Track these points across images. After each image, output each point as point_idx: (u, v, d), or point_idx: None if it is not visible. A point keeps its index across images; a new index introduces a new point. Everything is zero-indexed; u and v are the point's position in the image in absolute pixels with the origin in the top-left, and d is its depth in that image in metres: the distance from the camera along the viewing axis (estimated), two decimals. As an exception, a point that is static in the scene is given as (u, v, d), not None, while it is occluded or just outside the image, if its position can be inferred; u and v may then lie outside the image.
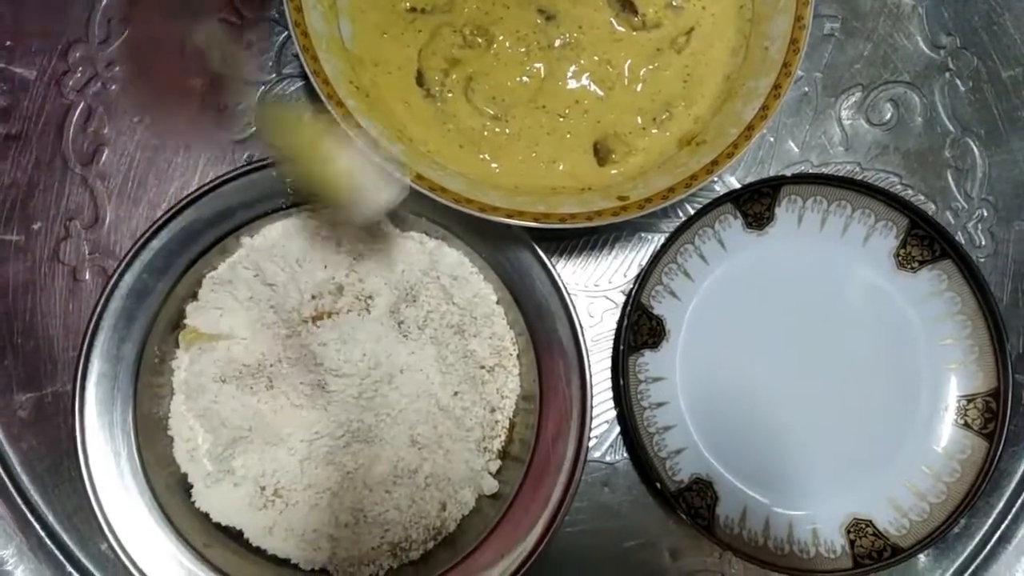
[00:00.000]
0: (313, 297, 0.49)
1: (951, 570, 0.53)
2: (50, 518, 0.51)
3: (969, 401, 0.52)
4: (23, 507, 0.51)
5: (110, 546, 0.46)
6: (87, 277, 0.53)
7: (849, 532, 0.50)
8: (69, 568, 0.51)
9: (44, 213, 0.53)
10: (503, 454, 0.51)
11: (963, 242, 0.54)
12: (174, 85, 0.54)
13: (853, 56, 0.57)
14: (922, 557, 0.53)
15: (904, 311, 0.53)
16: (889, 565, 0.49)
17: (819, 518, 0.51)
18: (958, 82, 0.56)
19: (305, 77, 0.53)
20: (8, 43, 0.54)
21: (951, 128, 0.56)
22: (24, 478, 0.51)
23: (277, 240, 0.49)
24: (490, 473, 0.50)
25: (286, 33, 0.54)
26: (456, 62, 0.49)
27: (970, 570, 0.54)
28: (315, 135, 0.43)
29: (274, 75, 0.54)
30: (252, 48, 0.54)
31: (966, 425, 0.52)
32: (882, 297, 0.53)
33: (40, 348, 0.52)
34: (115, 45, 0.54)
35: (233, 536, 0.49)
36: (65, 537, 0.51)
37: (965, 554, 0.54)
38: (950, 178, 0.56)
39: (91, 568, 0.51)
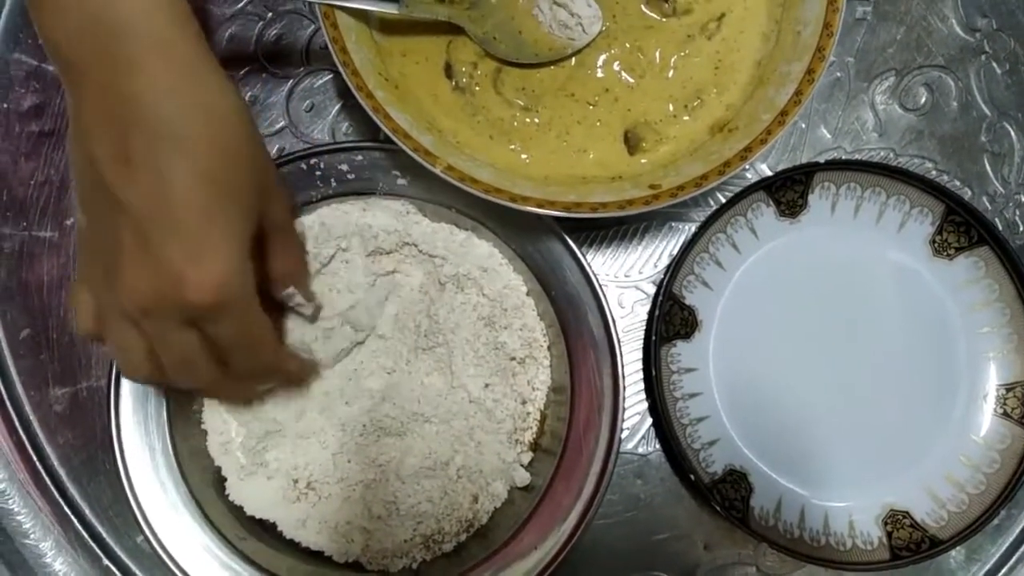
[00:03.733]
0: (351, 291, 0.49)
1: (991, 563, 0.53)
2: (87, 511, 0.52)
3: (1008, 390, 0.51)
4: (60, 500, 0.52)
5: (146, 539, 0.46)
6: (119, 272, 0.53)
7: (886, 524, 0.50)
8: (106, 561, 0.51)
9: (77, 209, 0.53)
10: (535, 446, 0.50)
11: (1001, 228, 0.53)
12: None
13: (886, 40, 0.56)
14: (960, 549, 0.52)
15: (941, 299, 0.52)
16: (928, 557, 0.49)
17: (855, 509, 0.50)
18: (994, 65, 0.55)
19: (334, 69, 0.53)
20: (40, 41, 0.54)
21: (987, 112, 0.55)
22: (61, 472, 0.52)
23: (310, 230, 0.49)
24: (522, 465, 0.50)
25: (314, 26, 0.54)
26: (484, 54, 0.49)
27: (1010, 563, 0.53)
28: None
29: (303, 68, 0.54)
30: (280, 42, 0.55)
31: (1005, 414, 0.51)
32: (918, 284, 0.52)
33: (74, 343, 0.52)
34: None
35: (267, 529, 0.49)
36: (101, 530, 0.52)
37: (1006, 546, 0.53)
38: (987, 163, 0.55)
39: (127, 561, 0.52)
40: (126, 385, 0.47)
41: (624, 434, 0.51)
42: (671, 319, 0.51)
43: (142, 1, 0.33)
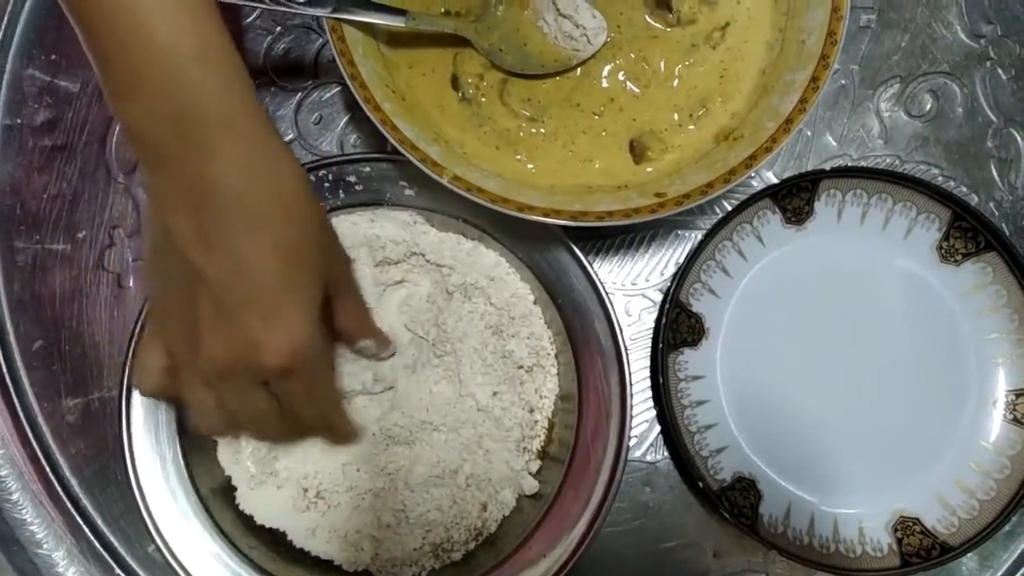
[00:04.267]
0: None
1: (1003, 569, 0.52)
2: (98, 521, 0.52)
3: (1018, 396, 0.51)
4: (73, 511, 0.52)
5: (157, 548, 0.47)
6: (131, 284, 0.54)
7: (896, 530, 0.50)
8: (117, 570, 0.52)
9: (89, 222, 0.54)
10: (543, 454, 0.50)
11: (1008, 233, 0.53)
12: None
13: (891, 48, 0.56)
14: (972, 556, 0.52)
15: (948, 305, 0.52)
16: (938, 564, 0.48)
17: (865, 516, 0.50)
18: (999, 71, 0.56)
19: (342, 82, 0.54)
20: (53, 57, 0.55)
21: (993, 118, 0.55)
22: (73, 482, 0.52)
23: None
24: (530, 473, 0.50)
25: (321, 39, 0.55)
26: (490, 65, 0.49)
27: (1023, 570, 0.52)
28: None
29: (311, 81, 0.55)
30: (289, 55, 0.55)
31: (1015, 420, 0.51)
32: (925, 291, 0.52)
33: (86, 354, 0.53)
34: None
35: (277, 538, 0.49)
36: (113, 539, 0.52)
37: (1018, 552, 0.52)
38: (993, 169, 0.55)
39: (138, 570, 0.52)
40: (137, 396, 0.48)
41: (632, 442, 0.52)
42: (678, 327, 0.51)
43: (217, 86, 0.34)
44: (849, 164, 0.55)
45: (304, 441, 0.46)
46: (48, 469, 0.52)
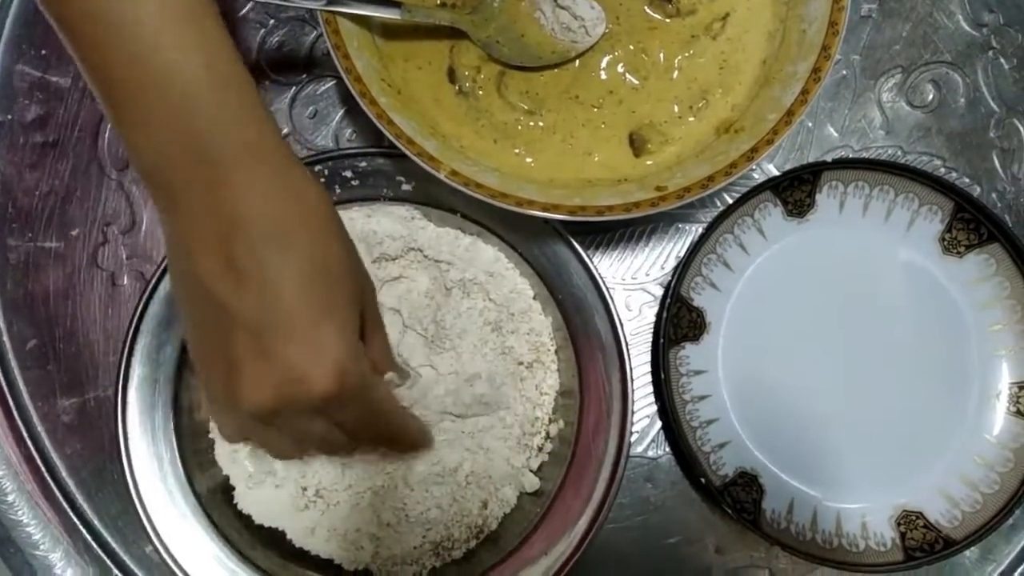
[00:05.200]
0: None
1: (1006, 563, 0.52)
2: (95, 522, 0.52)
3: (1021, 388, 0.51)
4: (69, 511, 0.51)
5: (155, 548, 0.46)
6: (125, 282, 0.53)
7: (899, 524, 0.49)
8: (115, 571, 0.51)
9: (82, 219, 0.53)
10: (543, 451, 0.50)
11: (1011, 225, 0.52)
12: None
13: (892, 37, 0.55)
14: (974, 549, 0.52)
15: (951, 297, 0.52)
16: (942, 557, 0.48)
17: (868, 511, 0.50)
18: (1002, 60, 0.55)
19: (337, 75, 0.53)
20: (43, 52, 0.54)
21: (995, 108, 0.55)
22: (70, 483, 0.52)
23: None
24: (531, 470, 0.49)
25: (316, 32, 0.54)
26: (487, 58, 0.49)
27: (1026, 563, 0.52)
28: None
29: (305, 75, 0.54)
30: (283, 49, 0.54)
31: (1018, 413, 0.50)
32: (928, 283, 0.52)
33: (81, 353, 0.52)
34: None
35: (276, 537, 0.49)
36: (111, 540, 0.52)
37: (1021, 545, 0.52)
38: (995, 159, 0.55)
39: (136, 571, 0.51)
40: (133, 395, 0.48)
41: (633, 438, 0.51)
42: (679, 321, 0.51)
43: (233, 111, 0.33)
44: (851, 156, 0.54)
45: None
46: (44, 470, 0.52)
